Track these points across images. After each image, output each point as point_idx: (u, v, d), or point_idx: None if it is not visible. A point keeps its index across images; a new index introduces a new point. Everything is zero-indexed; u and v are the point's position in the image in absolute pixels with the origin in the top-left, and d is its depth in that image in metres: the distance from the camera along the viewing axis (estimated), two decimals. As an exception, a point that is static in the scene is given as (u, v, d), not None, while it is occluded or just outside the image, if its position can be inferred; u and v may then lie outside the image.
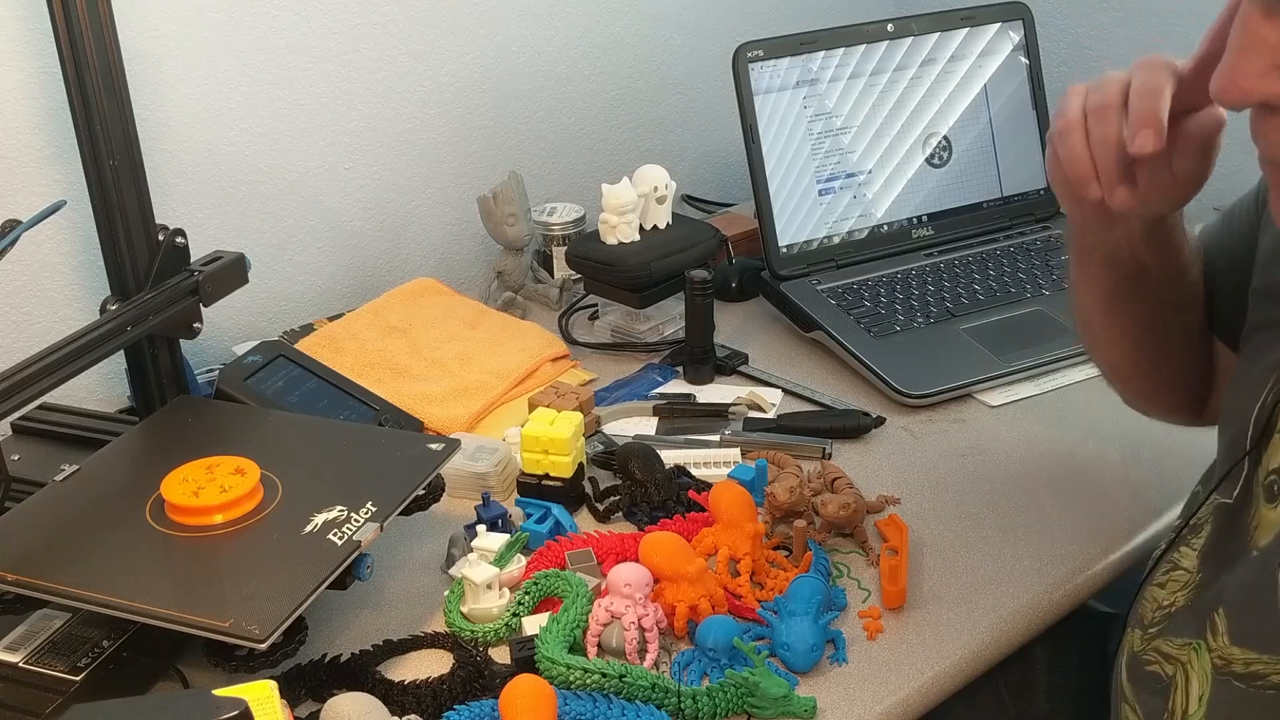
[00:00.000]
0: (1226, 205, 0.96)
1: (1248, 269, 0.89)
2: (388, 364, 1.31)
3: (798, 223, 1.45)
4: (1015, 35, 1.54)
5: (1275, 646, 0.74)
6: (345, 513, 0.91)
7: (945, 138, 1.52)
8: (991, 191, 1.54)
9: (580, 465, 1.11)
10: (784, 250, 1.44)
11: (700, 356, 1.32)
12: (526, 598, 0.97)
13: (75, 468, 0.98)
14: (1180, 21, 1.65)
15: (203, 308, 1.11)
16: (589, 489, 1.13)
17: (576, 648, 0.92)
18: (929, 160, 1.51)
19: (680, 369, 1.35)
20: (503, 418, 1.26)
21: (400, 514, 0.95)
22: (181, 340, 1.12)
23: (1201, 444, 0.93)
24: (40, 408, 1.14)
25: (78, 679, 0.84)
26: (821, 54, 1.46)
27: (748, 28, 1.59)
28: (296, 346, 1.27)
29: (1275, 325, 0.84)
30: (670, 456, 1.15)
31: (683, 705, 0.86)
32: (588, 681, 0.87)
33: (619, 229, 1.37)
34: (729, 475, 1.10)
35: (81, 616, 0.89)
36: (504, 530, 1.05)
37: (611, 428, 1.23)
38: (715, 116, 1.74)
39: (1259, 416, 0.81)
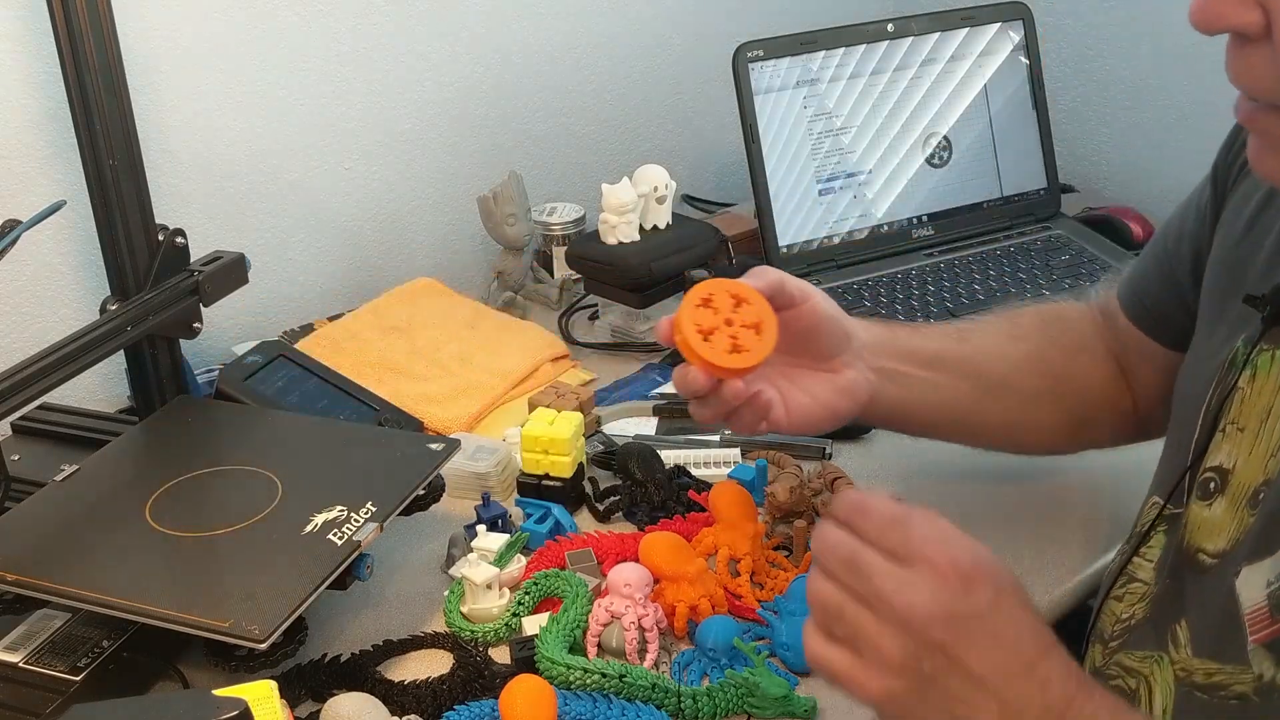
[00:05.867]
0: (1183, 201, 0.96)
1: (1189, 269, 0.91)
2: (388, 364, 1.31)
3: (798, 223, 1.45)
4: (1015, 35, 1.54)
5: (1237, 657, 0.73)
6: (345, 513, 0.91)
7: (945, 138, 1.52)
8: (991, 191, 1.54)
9: (580, 465, 1.11)
10: (784, 250, 1.44)
11: (700, 356, 1.32)
12: (526, 598, 0.97)
13: (75, 468, 0.98)
14: (1179, 21, 1.64)
15: (203, 308, 1.11)
16: (589, 489, 1.12)
17: (576, 648, 0.92)
18: (929, 160, 1.51)
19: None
20: (503, 418, 1.26)
21: (400, 514, 0.95)
22: (181, 340, 1.12)
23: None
24: (40, 408, 1.14)
25: (78, 679, 0.84)
26: (821, 54, 1.46)
27: (748, 28, 1.59)
28: (296, 346, 1.26)
29: (1229, 322, 0.82)
30: (670, 456, 1.15)
31: (683, 705, 0.86)
32: (588, 681, 0.87)
33: (619, 229, 1.37)
34: (729, 475, 1.10)
35: (81, 616, 0.89)
36: (504, 530, 1.05)
37: (611, 428, 1.23)
38: (715, 116, 1.74)
39: (1204, 420, 0.80)
